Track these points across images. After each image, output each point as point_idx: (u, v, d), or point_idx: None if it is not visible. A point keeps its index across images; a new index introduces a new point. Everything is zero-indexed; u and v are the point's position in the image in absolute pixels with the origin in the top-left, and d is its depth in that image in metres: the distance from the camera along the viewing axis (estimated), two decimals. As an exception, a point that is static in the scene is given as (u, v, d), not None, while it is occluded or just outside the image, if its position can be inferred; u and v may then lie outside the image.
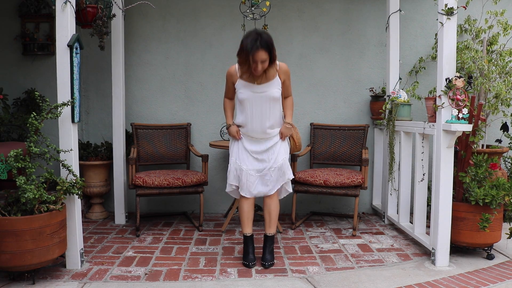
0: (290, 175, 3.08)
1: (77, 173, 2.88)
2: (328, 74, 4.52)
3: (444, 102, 2.95)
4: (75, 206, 2.91)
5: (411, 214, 3.71)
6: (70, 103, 2.78)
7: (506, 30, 3.85)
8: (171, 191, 3.77)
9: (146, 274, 2.88)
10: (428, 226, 3.41)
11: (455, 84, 2.88)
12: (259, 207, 4.03)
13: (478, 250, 3.23)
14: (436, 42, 4.16)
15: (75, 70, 2.86)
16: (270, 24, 4.23)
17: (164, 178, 3.74)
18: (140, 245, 3.48)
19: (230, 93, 3.13)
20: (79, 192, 2.82)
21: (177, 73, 4.50)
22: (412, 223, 3.59)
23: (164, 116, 4.50)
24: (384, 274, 2.90)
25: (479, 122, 3.18)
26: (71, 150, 2.83)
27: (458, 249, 3.23)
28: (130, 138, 4.26)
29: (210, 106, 4.50)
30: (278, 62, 2.99)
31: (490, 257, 3.16)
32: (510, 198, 3.03)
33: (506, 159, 3.94)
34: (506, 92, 3.55)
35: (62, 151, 2.81)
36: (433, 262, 3.04)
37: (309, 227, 4.02)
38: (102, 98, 4.45)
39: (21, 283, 2.68)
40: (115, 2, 3.74)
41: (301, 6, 4.49)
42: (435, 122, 3.07)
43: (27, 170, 2.63)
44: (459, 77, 2.89)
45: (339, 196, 4.05)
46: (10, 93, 4.29)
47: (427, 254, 3.23)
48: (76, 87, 2.88)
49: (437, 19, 3.00)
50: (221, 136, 4.32)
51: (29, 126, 2.68)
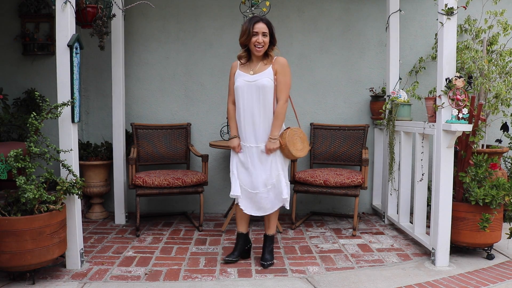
0: (285, 195, 2.96)
1: (77, 173, 2.88)
2: (328, 74, 4.52)
3: (444, 102, 2.95)
4: (75, 206, 2.91)
5: (411, 214, 3.71)
6: (70, 103, 2.78)
7: (506, 30, 3.85)
8: (171, 191, 3.77)
9: (146, 274, 2.88)
10: (428, 226, 3.41)
11: (455, 84, 2.88)
12: None
13: (478, 250, 3.23)
14: (436, 42, 4.17)
15: (75, 70, 2.86)
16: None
17: (164, 178, 3.74)
18: (140, 245, 3.48)
19: (232, 91, 3.05)
20: (79, 192, 2.82)
21: (177, 73, 4.50)
22: (412, 223, 3.59)
23: (164, 116, 4.50)
24: (384, 274, 2.90)
25: (479, 122, 3.18)
26: (71, 150, 2.83)
27: (458, 249, 3.22)
28: (130, 138, 4.26)
29: (210, 106, 4.50)
30: (276, 56, 3.00)
31: (490, 257, 3.16)
32: (510, 198, 3.03)
33: (506, 159, 3.94)
34: (506, 92, 3.55)
35: (62, 151, 2.81)
36: (433, 262, 3.04)
37: (309, 227, 4.02)
38: (102, 98, 4.45)
39: (21, 283, 2.68)
40: (115, 2, 3.74)
41: (301, 6, 4.49)
42: (435, 122, 3.07)
43: (27, 170, 2.63)
44: (459, 77, 2.89)
45: (339, 196, 4.05)
46: (10, 93, 4.30)
47: (427, 254, 3.23)
48: (76, 87, 2.88)
49: (437, 19, 3.00)
50: (221, 136, 4.32)
51: (29, 126, 2.68)
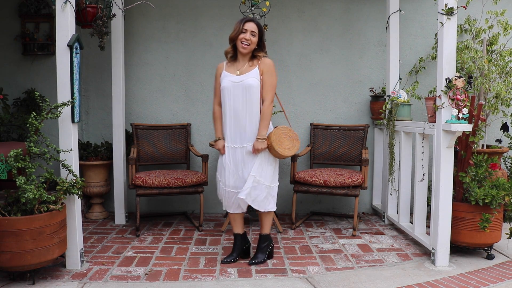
0: (271, 207, 3.05)
1: (77, 173, 2.88)
2: (328, 74, 4.52)
3: (444, 102, 2.95)
4: (75, 206, 2.91)
5: (411, 214, 3.71)
6: (70, 103, 2.78)
7: (506, 30, 3.85)
8: (171, 191, 3.77)
9: (146, 274, 2.88)
10: (428, 226, 3.41)
11: (455, 84, 2.88)
12: None
13: (478, 250, 3.23)
14: (436, 42, 4.16)
15: (75, 70, 2.86)
16: (270, 24, 4.23)
17: (164, 178, 3.74)
18: (140, 245, 3.48)
19: (218, 92, 3.07)
20: (79, 192, 2.82)
21: (177, 73, 4.50)
22: (412, 223, 3.59)
23: (164, 116, 4.49)
24: (384, 274, 2.90)
25: (479, 122, 3.18)
26: (71, 150, 2.83)
27: (458, 249, 3.22)
28: (130, 138, 4.26)
29: (210, 106, 4.45)
30: (263, 58, 3.03)
31: (490, 257, 3.16)
32: (510, 198, 3.03)
33: (506, 159, 3.94)
34: (506, 92, 3.55)
35: (62, 151, 2.81)
36: (433, 262, 3.04)
37: (309, 227, 4.01)
38: (102, 98, 4.45)
39: (21, 283, 2.68)
40: (115, 2, 3.74)
41: (301, 6, 4.49)
42: (435, 122, 3.07)
43: (27, 170, 2.63)
44: (459, 77, 2.89)
45: (339, 196, 4.05)
46: (10, 93, 4.29)
47: (427, 254, 3.23)
48: (76, 87, 2.88)
49: (437, 19, 3.00)
50: (221, 136, 4.31)
51: (29, 126, 2.68)
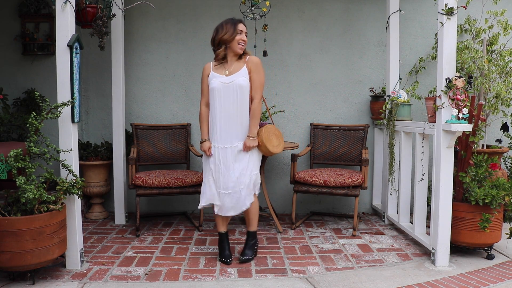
0: (256, 190, 3.08)
1: (77, 173, 2.88)
2: (328, 74, 4.52)
3: (444, 102, 2.95)
4: (75, 206, 2.91)
5: (411, 214, 3.71)
6: (70, 103, 2.78)
7: (506, 30, 3.85)
8: (171, 191, 3.77)
9: (146, 274, 2.88)
10: (428, 226, 3.41)
11: (455, 84, 2.88)
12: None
13: (478, 250, 3.23)
14: (436, 42, 4.17)
15: (75, 70, 2.86)
16: (270, 24, 4.23)
17: (164, 178, 3.74)
18: (140, 245, 3.48)
19: (206, 92, 3.09)
20: (79, 192, 2.82)
21: (177, 73, 4.50)
22: (412, 223, 3.59)
23: (164, 116, 4.50)
24: (384, 274, 2.90)
25: (479, 122, 3.18)
26: (71, 150, 2.83)
27: (458, 249, 3.22)
28: (130, 138, 4.26)
29: (210, 106, 4.49)
30: (249, 56, 3.08)
31: (490, 257, 3.16)
32: (510, 198, 3.03)
33: (506, 159, 3.94)
34: (506, 92, 3.55)
35: (62, 151, 2.81)
36: (433, 262, 3.04)
37: (309, 227, 4.01)
38: (102, 98, 4.45)
39: (21, 283, 2.68)
40: (115, 2, 3.74)
41: (301, 6, 4.49)
42: (435, 122, 3.07)
43: (27, 170, 2.63)
44: (459, 77, 2.89)
45: (339, 196, 4.05)
46: (10, 93, 4.30)
47: (427, 254, 3.23)
48: (76, 87, 2.88)
49: (437, 19, 3.00)
50: (221, 136, 4.31)
51: (29, 126, 2.68)
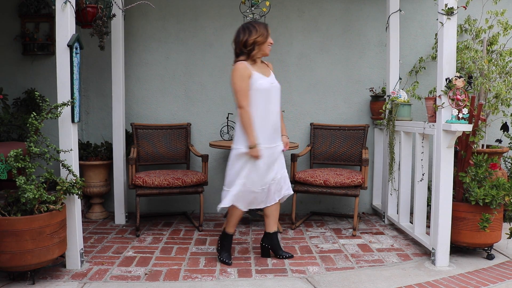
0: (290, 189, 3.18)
1: (77, 173, 2.88)
2: (328, 74, 4.51)
3: (444, 102, 2.95)
4: (75, 206, 2.91)
5: (411, 214, 3.71)
6: (70, 103, 2.78)
7: (506, 30, 3.85)
8: (171, 191, 3.77)
9: (146, 274, 2.88)
10: (428, 226, 3.41)
11: (455, 84, 2.88)
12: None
13: (478, 250, 3.23)
14: (436, 42, 4.16)
15: (75, 70, 2.86)
16: (270, 24, 4.21)
17: (164, 178, 3.74)
18: (140, 245, 3.48)
19: (249, 93, 2.93)
20: (79, 192, 2.82)
21: (177, 73, 4.49)
22: (412, 223, 3.59)
23: (164, 116, 4.49)
24: (384, 274, 2.90)
25: (479, 122, 3.18)
26: (71, 150, 2.83)
27: (458, 249, 3.22)
28: (130, 138, 4.26)
29: (210, 106, 4.50)
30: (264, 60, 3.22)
31: (490, 257, 3.16)
32: (510, 198, 3.03)
33: (506, 159, 3.94)
34: (506, 92, 3.55)
35: (62, 151, 2.81)
36: (433, 262, 3.04)
37: (309, 227, 4.01)
38: (102, 98, 4.45)
39: (21, 283, 2.68)
40: (115, 2, 3.74)
41: (301, 6, 4.49)
42: (435, 122, 3.07)
43: (27, 170, 2.63)
44: (459, 77, 2.89)
45: (339, 196, 4.05)
46: (10, 93, 4.29)
47: (427, 254, 3.23)
48: (76, 87, 2.88)
49: (437, 19, 3.00)
50: (221, 136, 4.32)
51: (29, 126, 2.68)
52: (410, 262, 3.13)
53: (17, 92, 4.36)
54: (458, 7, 2.91)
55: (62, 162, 2.81)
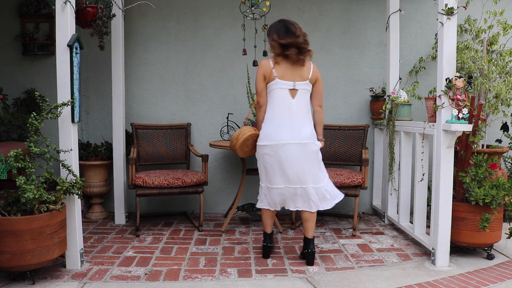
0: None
1: (77, 173, 2.88)
2: (328, 74, 4.51)
3: (444, 102, 2.95)
4: (75, 206, 2.91)
5: (411, 214, 3.71)
6: (70, 103, 2.78)
7: (506, 30, 3.85)
8: (171, 191, 3.77)
9: (146, 274, 2.88)
10: (428, 226, 3.41)
11: (455, 84, 2.88)
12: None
13: (478, 250, 3.23)
14: (436, 42, 4.16)
15: (75, 70, 2.86)
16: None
17: (164, 178, 3.74)
18: (140, 245, 3.48)
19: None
20: (79, 192, 2.82)
21: (177, 73, 4.49)
22: (412, 223, 3.59)
23: (164, 116, 4.50)
24: (384, 274, 2.90)
25: (479, 122, 3.18)
26: (71, 150, 2.83)
27: (458, 249, 3.22)
28: (130, 138, 4.26)
29: (210, 106, 4.49)
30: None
31: (490, 257, 3.16)
32: (510, 198, 3.03)
33: (506, 159, 3.94)
34: (506, 92, 3.55)
35: (62, 151, 2.81)
36: (433, 262, 3.04)
37: (309, 227, 4.01)
38: (102, 98, 4.45)
39: (21, 283, 2.68)
40: (115, 2, 3.74)
41: (301, 6, 4.49)
42: (435, 122, 3.07)
43: (27, 170, 2.63)
44: (459, 77, 2.89)
45: (339, 196, 4.04)
46: (10, 93, 4.29)
47: (427, 254, 3.23)
48: (76, 87, 2.88)
49: (437, 19, 3.00)
50: (221, 136, 4.32)
51: (29, 126, 2.68)
52: (410, 262, 3.13)
53: (17, 92, 4.36)
54: (458, 7, 2.91)
55: (62, 162, 2.81)
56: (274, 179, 2.99)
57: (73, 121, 2.85)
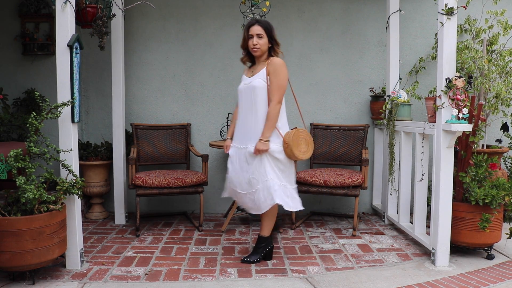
0: (276, 198, 2.86)
1: (77, 173, 2.88)
2: (328, 74, 4.51)
3: (444, 102, 2.95)
4: (75, 206, 2.91)
5: (411, 214, 3.71)
6: (70, 103, 2.78)
7: (506, 30, 3.85)
8: (171, 191, 3.77)
9: (146, 274, 2.88)
10: (428, 226, 3.41)
11: (455, 84, 2.88)
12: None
13: (478, 250, 3.23)
14: (436, 42, 4.16)
15: (75, 70, 2.86)
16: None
17: (164, 178, 3.74)
18: (140, 245, 3.48)
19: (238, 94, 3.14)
20: (79, 192, 2.82)
21: (177, 73, 4.50)
22: (412, 223, 3.59)
23: (164, 116, 4.50)
24: (384, 274, 2.90)
25: (479, 122, 3.18)
26: (71, 150, 2.83)
27: (458, 249, 3.22)
28: (130, 138, 4.26)
29: (210, 106, 4.50)
30: (273, 58, 2.99)
31: (490, 257, 3.16)
32: (510, 198, 3.03)
33: (506, 159, 3.94)
34: (506, 92, 3.55)
35: (62, 151, 2.81)
36: (433, 262, 3.04)
37: (309, 227, 4.01)
38: (102, 98, 4.45)
39: (21, 283, 2.68)
40: (115, 2, 3.74)
41: (301, 6, 4.49)
42: (435, 122, 3.07)
43: (27, 170, 2.63)
44: (459, 77, 2.89)
45: (339, 196, 4.05)
46: (10, 93, 4.29)
47: (427, 254, 3.23)
48: (76, 87, 2.88)
49: (437, 19, 3.00)
50: (221, 136, 4.32)
51: (29, 126, 2.68)
52: (410, 262, 3.13)
53: (17, 92, 4.36)
54: (458, 7, 2.91)
55: (62, 162, 2.81)
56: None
57: (73, 121, 2.85)
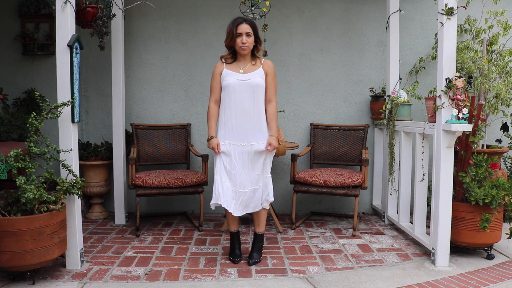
0: (271, 197, 3.03)
1: (77, 173, 2.88)
2: (328, 74, 4.51)
3: (444, 102, 2.95)
4: (75, 206, 2.91)
5: (411, 214, 3.71)
6: (70, 103, 2.78)
7: (506, 30, 3.85)
8: (171, 191, 3.77)
9: (146, 274, 2.88)
10: (428, 226, 3.41)
11: (455, 84, 2.89)
12: None
13: (478, 250, 3.23)
14: (436, 42, 4.17)
15: (75, 70, 2.87)
16: (270, 24, 4.23)
17: (164, 178, 3.74)
18: (140, 245, 3.48)
19: (217, 90, 3.05)
20: (79, 192, 2.82)
21: (177, 73, 4.50)
22: (412, 223, 3.59)
23: (164, 116, 4.50)
24: (384, 274, 2.90)
25: (479, 122, 3.18)
26: (71, 150, 2.83)
27: (458, 249, 3.22)
28: (130, 138, 4.26)
29: (210, 106, 4.49)
30: (264, 59, 3.09)
31: (490, 257, 3.16)
32: (510, 198, 3.03)
33: (506, 159, 3.94)
34: (506, 92, 3.55)
35: (62, 151, 2.81)
36: (433, 262, 3.04)
37: (309, 227, 4.01)
38: (102, 98, 4.45)
39: (21, 283, 2.68)
40: (115, 2, 3.74)
41: (301, 6, 4.49)
42: (435, 122, 3.07)
43: (27, 170, 2.63)
44: (459, 77, 2.89)
45: (339, 196, 4.05)
46: (10, 93, 4.29)
47: (427, 254, 3.23)
48: (76, 87, 2.88)
49: (437, 19, 3.00)
50: (221, 136, 4.31)
51: (29, 126, 2.68)
52: (410, 262, 3.13)
53: (17, 92, 4.36)
54: (458, 7, 2.91)
55: (62, 162, 2.81)
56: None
57: (73, 121, 2.86)
